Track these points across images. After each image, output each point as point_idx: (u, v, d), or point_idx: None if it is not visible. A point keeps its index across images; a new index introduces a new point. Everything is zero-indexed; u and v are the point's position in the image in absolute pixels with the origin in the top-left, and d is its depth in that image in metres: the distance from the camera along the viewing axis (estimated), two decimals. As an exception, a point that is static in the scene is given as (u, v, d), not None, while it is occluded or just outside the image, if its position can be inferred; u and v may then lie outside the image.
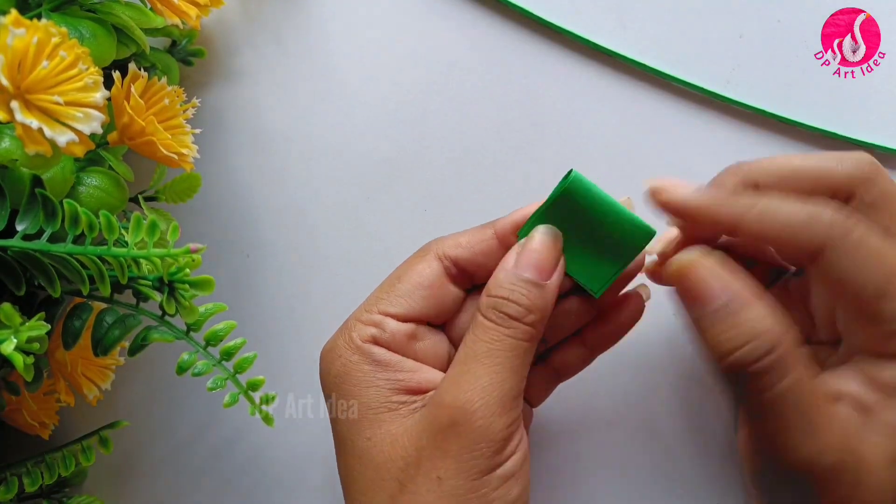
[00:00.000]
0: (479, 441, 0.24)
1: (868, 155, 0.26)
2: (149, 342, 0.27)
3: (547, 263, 0.26)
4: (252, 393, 0.27)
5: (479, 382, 0.25)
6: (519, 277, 0.26)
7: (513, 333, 0.25)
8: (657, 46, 0.34)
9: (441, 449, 0.25)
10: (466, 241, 0.28)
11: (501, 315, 0.26)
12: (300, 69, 0.36)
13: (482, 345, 0.25)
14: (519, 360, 0.25)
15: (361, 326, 0.27)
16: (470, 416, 0.24)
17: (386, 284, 0.28)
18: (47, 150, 0.24)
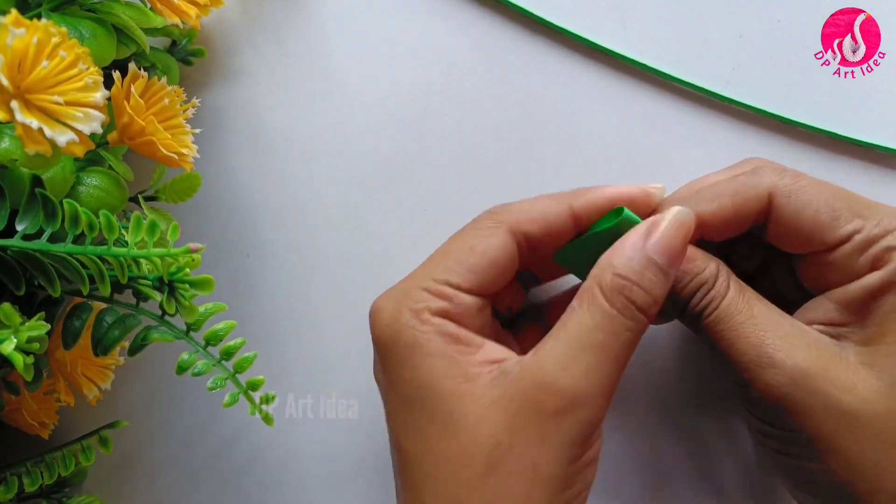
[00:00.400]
0: (581, 431, 0.24)
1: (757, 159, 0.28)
2: (149, 342, 0.27)
3: (679, 251, 0.24)
4: (252, 393, 0.27)
5: (592, 376, 0.23)
6: (651, 261, 0.24)
7: (634, 327, 0.24)
8: (657, 46, 0.34)
9: (541, 435, 0.24)
10: (540, 216, 0.27)
11: (628, 304, 0.24)
12: (300, 69, 0.36)
13: (600, 334, 0.24)
14: (626, 353, 0.24)
15: (429, 297, 0.26)
16: (579, 408, 0.23)
17: (454, 253, 0.27)
18: (47, 150, 0.24)
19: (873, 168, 0.34)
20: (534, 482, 0.24)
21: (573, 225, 0.27)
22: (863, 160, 0.34)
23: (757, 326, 0.25)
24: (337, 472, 0.35)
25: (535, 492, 0.24)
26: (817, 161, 0.34)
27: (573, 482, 0.24)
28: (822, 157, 0.34)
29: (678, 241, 0.24)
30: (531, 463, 0.24)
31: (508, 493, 0.24)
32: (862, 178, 0.34)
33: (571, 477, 0.24)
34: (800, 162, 0.34)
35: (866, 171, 0.34)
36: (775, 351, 0.25)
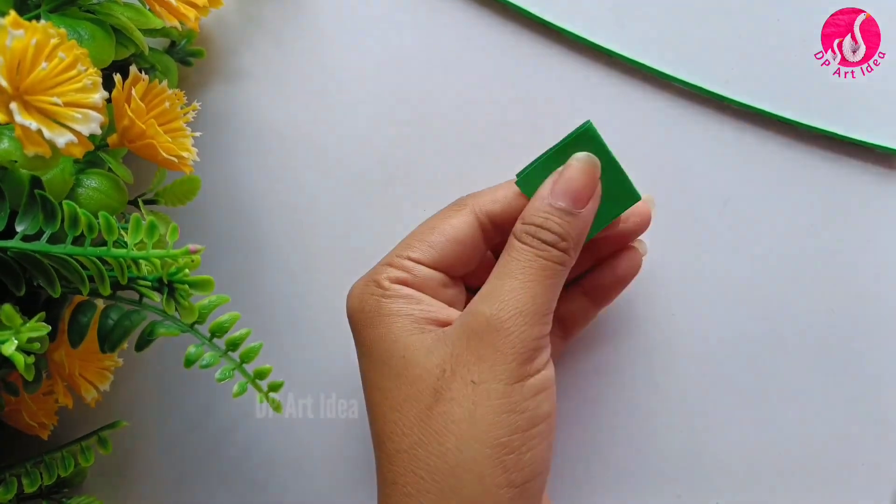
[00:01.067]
0: (513, 346, 0.25)
1: None
2: (155, 336, 0.27)
3: (582, 192, 0.27)
4: (259, 381, 0.28)
5: (513, 294, 0.26)
6: (554, 206, 0.27)
7: (546, 255, 0.26)
8: (656, 46, 0.34)
9: (476, 353, 0.25)
10: (503, 196, 0.29)
11: (535, 239, 0.27)
12: (299, 69, 0.36)
13: (516, 263, 0.26)
14: (550, 279, 0.26)
15: (391, 269, 0.28)
16: (504, 324, 0.25)
17: (418, 233, 0.29)
18: (46, 152, 0.24)
19: (873, 168, 0.34)
20: (475, 402, 0.25)
21: None
22: (863, 160, 0.34)
23: None
24: (337, 472, 0.35)
25: (478, 411, 0.25)
26: (817, 161, 0.34)
27: (519, 406, 0.25)
28: (822, 157, 0.34)
29: (580, 184, 0.27)
30: (471, 381, 0.25)
31: (455, 418, 0.25)
32: (862, 178, 0.34)
33: (515, 399, 0.25)
34: (800, 162, 0.34)
35: (866, 171, 0.34)
36: None
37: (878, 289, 0.34)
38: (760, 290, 0.34)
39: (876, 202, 0.34)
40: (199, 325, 0.28)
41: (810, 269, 0.34)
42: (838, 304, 0.34)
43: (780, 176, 0.34)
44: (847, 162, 0.34)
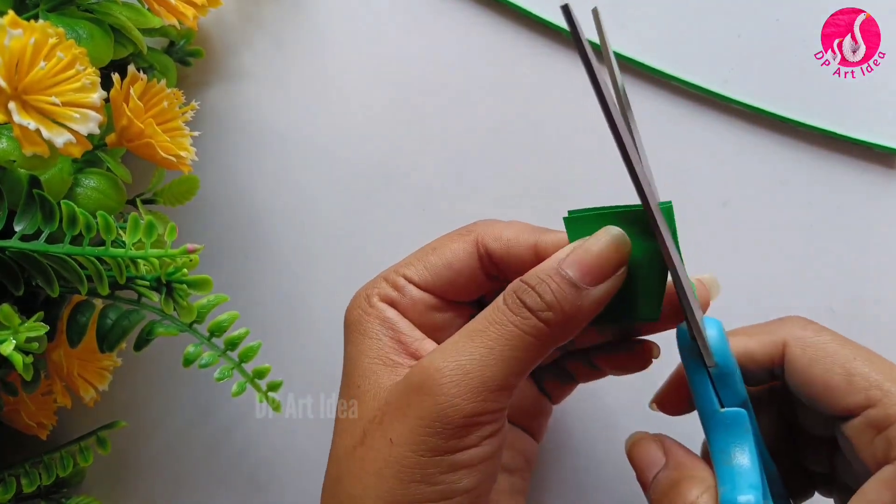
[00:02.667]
0: (438, 418, 0.23)
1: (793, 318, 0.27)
2: (154, 336, 0.27)
3: (599, 270, 0.24)
4: (258, 381, 0.28)
5: (459, 357, 0.23)
6: (558, 272, 0.24)
7: (518, 322, 0.23)
8: (655, 45, 0.34)
9: (402, 410, 0.23)
10: (507, 239, 0.27)
11: (517, 301, 0.24)
12: (298, 69, 0.36)
13: (483, 323, 0.24)
14: (515, 352, 0.23)
15: (385, 285, 0.27)
16: (436, 387, 0.23)
17: (420, 252, 0.28)
18: (45, 151, 0.24)
19: (873, 168, 0.34)
20: (386, 461, 0.23)
21: (535, 256, 0.26)
22: (863, 160, 0.34)
23: None
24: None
25: (387, 471, 0.23)
26: (817, 161, 0.34)
27: (431, 479, 0.23)
28: (822, 156, 0.34)
29: (597, 259, 0.24)
30: (389, 439, 0.23)
31: (366, 466, 0.24)
32: (862, 178, 0.34)
33: (429, 472, 0.23)
34: (800, 162, 0.34)
35: (866, 171, 0.34)
36: None
37: (878, 289, 0.34)
38: (760, 289, 0.34)
39: (876, 202, 0.34)
40: (197, 324, 0.28)
41: (810, 269, 0.34)
42: (838, 304, 0.34)
43: (780, 176, 0.34)
44: (847, 162, 0.34)
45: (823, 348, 0.25)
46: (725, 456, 0.24)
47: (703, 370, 0.24)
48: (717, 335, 0.24)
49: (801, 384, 0.25)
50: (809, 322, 0.26)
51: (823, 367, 0.25)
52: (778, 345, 0.26)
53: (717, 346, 0.24)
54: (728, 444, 0.24)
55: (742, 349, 0.26)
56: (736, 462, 0.24)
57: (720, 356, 0.24)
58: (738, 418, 0.24)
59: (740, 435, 0.24)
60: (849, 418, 0.24)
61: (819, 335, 0.25)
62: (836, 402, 0.24)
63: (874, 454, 0.23)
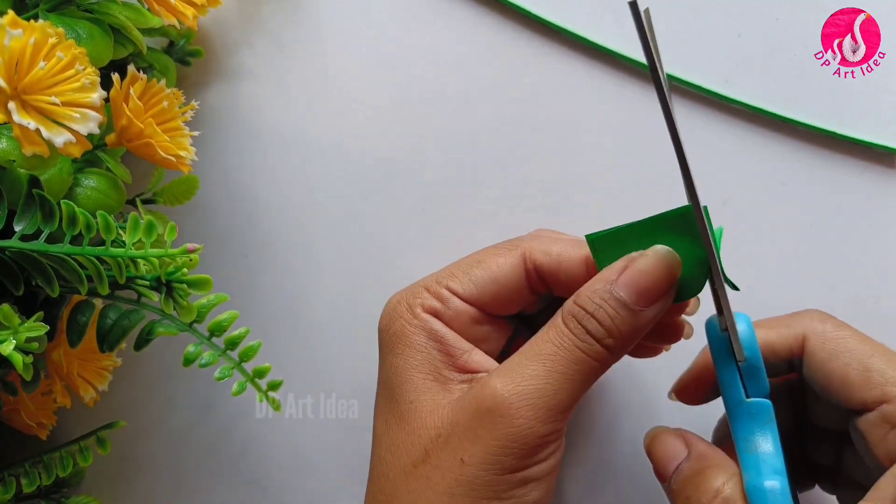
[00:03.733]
0: (514, 440, 0.23)
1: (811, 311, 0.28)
2: (154, 336, 0.27)
3: (652, 291, 0.24)
4: (258, 380, 0.28)
5: (533, 381, 0.24)
6: (613, 295, 0.24)
7: (585, 348, 0.24)
8: (656, 46, 0.34)
9: (474, 432, 0.24)
10: (556, 253, 0.27)
11: (580, 328, 0.24)
12: (298, 69, 0.36)
13: (549, 346, 0.24)
14: (581, 375, 0.24)
15: (427, 296, 0.27)
16: (512, 412, 0.23)
17: (464, 263, 0.28)
18: (44, 151, 0.24)
19: (873, 168, 0.34)
20: (458, 480, 0.24)
21: (585, 270, 0.26)
22: (863, 160, 0.34)
23: None
24: (336, 471, 0.35)
25: (458, 489, 0.24)
26: (817, 161, 0.34)
27: (503, 494, 0.24)
28: (822, 156, 0.34)
29: (649, 280, 0.24)
30: (460, 459, 0.24)
31: (433, 485, 0.24)
32: (862, 178, 0.34)
33: (501, 488, 0.24)
34: (800, 162, 0.34)
35: (866, 171, 0.34)
36: None
37: (878, 289, 0.34)
38: (760, 289, 0.34)
39: (876, 202, 0.34)
40: (197, 324, 0.28)
41: (810, 269, 0.34)
42: (839, 304, 0.34)
43: (780, 176, 0.34)
44: (847, 162, 0.34)
45: (843, 343, 0.26)
46: (749, 444, 0.25)
47: (732, 362, 0.25)
48: (747, 330, 0.25)
49: (819, 377, 0.26)
50: (828, 316, 0.27)
51: (842, 361, 0.25)
52: (798, 338, 0.26)
53: (748, 341, 0.25)
54: (752, 432, 0.25)
55: (763, 341, 0.26)
56: (760, 450, 0.24)
57: (750, 350, 0.25)
58: (763, 408, 0.25)
59: (764, 424, 0.25)
60: (864, 412, 0.25)
61: (838, 330, 0.26)
62: (853, 396, 0.25)
63: (888, 449, 0.24)
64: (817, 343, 0.26)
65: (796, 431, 0.29)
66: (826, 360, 0.25)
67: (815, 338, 0.26)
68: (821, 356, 0.26)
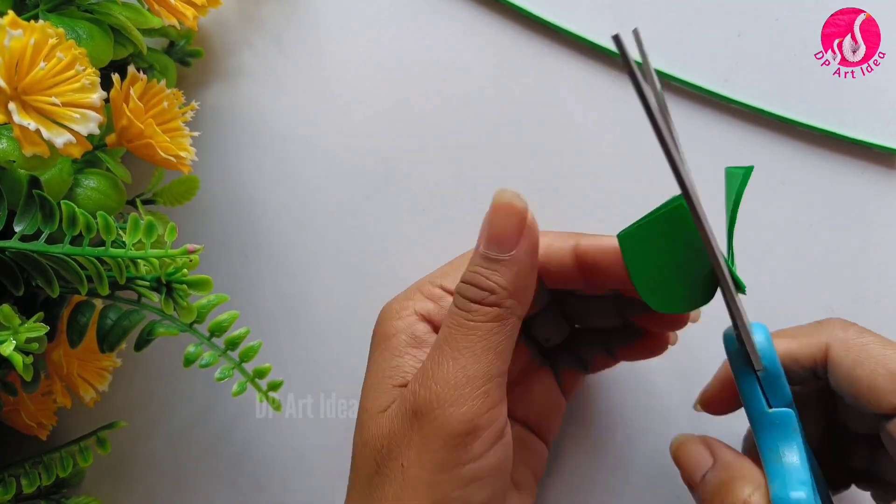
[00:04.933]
0: (439, 431, 0.23)
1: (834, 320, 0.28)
2: (154, 336, 0.27)
3: (505, 233, 0.24)
4: (259, 381, 0.28)
5: (438, 370, 0.24)
6: (480, 255, 0.24)
7: (474, 315, 0.24)
8: (655, 45, 0.34)
9: (406, 436, 0.24)
10: (544, 247, 0.27)
11: (463, 299, 0.24)
12: (298, 69, 0.36)
13: (445, 330, 0.24)
14: (484, 342, 0.24)
15: (420, 297, 0.27)
16: (432, 406, 0.23)
17: (456, 262, 0.28)
18: (45, 152, 0.24)
19: (873, 168, 0.34)
20: (403, 486, 0.24)
21: (574, 261, 0.26)
22: (863, 160, 0.34)
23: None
24: (336, 471, 0.35)
25: (405, 495, 0.23)
26: (817, 161, 0.34)
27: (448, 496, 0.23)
28: (822, 156, 0.34)
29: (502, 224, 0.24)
30: (400, 465, 0.24)
31: (385, 494, 0.24)
32: (862, 178, 0.34)
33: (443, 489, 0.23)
34: (800, 162, 0.34)
35: (866, 171, 0.34)
36: None
37: (878, 289, 0.34)
38: (760, 290, 0.34)
39: (876, 202, 0.34)
40: (197, 324, 0.28)
41: (810, 269, 0.34)
42: (839, 303, 0.34)
43: (780, 176, 0.34)
44: (847, 162, 0.34)
45: (867, 350, 0.25)
46: (775, 454, 0.24)
47: (750, 373, 0.25)
48: (764, 340, 0.25)
49: (846, 385, 0.25)
50: (850, 324, 0.27)
51: (868, 368, 0.25)
52: (821, 347, 0.26)
53: (765, 351, 0.25)
54: (777, 443, 0.24)
55: (785, 351, 0.26)
56: (786, 460, 0.24)
57: (767, 360, 0.25)
58: (785, 418, 0.24)
59: (788, 434, 0.24)
60: (893, 417, 0.25)
61: (861, 336, 0.26)
62: (882, 401, 0.25)
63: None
64: (841, 351, 0.26)
65: (829, 435, 0.29)
66: (852, 367, 0.25)
67: (839, 346, 0.26)
68: (846, 364, 0.25)
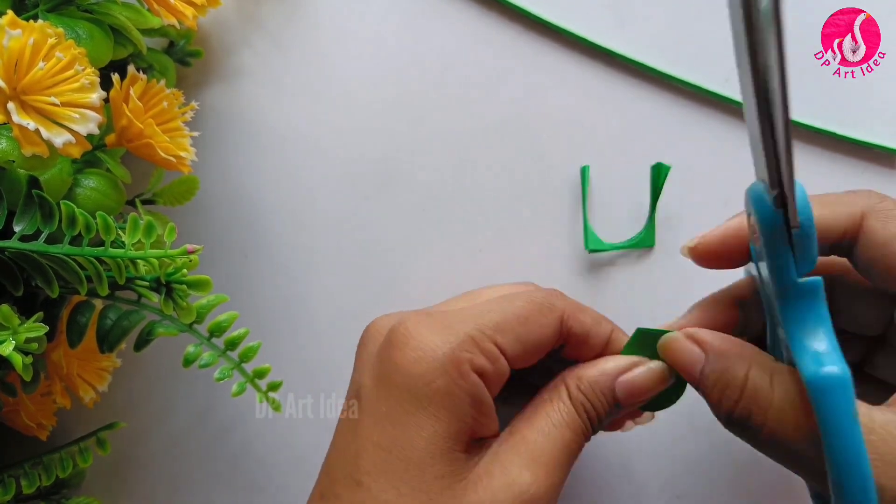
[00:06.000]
0: None
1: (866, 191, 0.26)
2: (154, 336, 0.27)
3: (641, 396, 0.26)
4: (258, 381, 0.28)
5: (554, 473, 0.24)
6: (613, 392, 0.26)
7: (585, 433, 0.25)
8: (655, 45, 0.34)
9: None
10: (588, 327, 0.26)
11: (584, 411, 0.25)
12: (298, 69, 0.36)
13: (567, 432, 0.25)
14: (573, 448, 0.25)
15: (478, 353, 0.24)
16: None
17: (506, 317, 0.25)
18: (44, 152, 0.24)
19: (873, 168, 0.34)
20: None
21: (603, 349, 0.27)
22: (863, 160, 0.34)
23: None
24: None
25: None
26: (817, 161, 0.34)
27: None
28: (822, 157, 0.34)
29: (643, 388, 0.26)
30: None
31: None
32: (862, 178, 0.34)
33: None
34: (800, 162, 0.34)
35: (866, 171, 0.34)
36: None
37: (878, 289, 0.34)
38: (760, 290, 0.34)
39: (876, 202, 0.34)
40: (197, 324, 0.28)
41: (810, 270, 0.34)
42: (838, 304, 0.34)
43: (779, 176, 0.34)
44: (847, 162, 0.34)
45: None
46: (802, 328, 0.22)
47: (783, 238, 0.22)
48: (802, 194, 0.22)
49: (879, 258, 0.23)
50: (885, 196, 0.25)
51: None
52: (854, 217, 0.24)
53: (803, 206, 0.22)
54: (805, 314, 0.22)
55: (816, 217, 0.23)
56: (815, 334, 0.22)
57: (804, 215, 0.22)
58: (815, 287, 0.22)
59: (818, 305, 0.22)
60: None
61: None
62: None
63: None
64: (878, 222, 0.23)
65: None
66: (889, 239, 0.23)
67: (876, 216, 0.23)
68: (882, 235, 0.23)
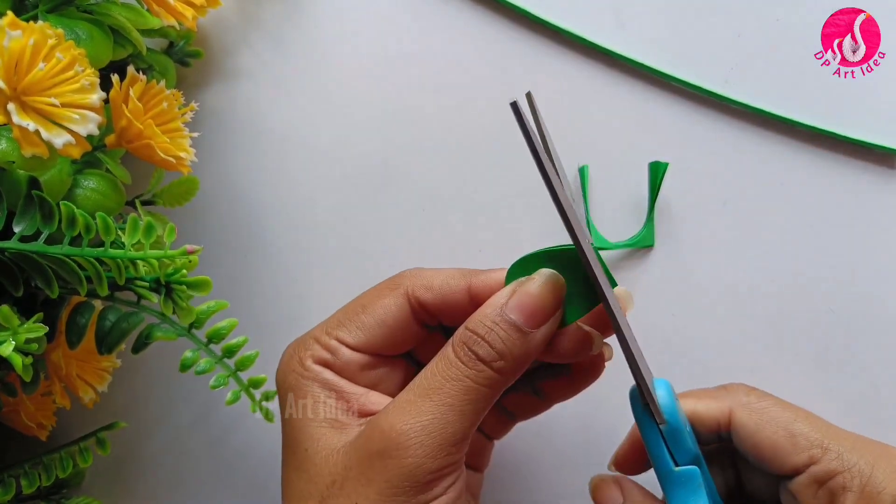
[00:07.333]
0: (406, 479, 0.24)
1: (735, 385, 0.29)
2: (152, 340, 0.27)
3: (541, 311, 0.25)
4: (253, 390, 0.28)
5: (421, 418, 0.24)
6: (504, 318, 0.24)
7: (474, 376, 0.24)
8: (655, 46, 0.34)
9: (366, 475, 0.24)
10: (438, 287, 0.27)
11: (469, 354, 0.24)
12: (298, 69, 0.36)
13: (438, 379, 0.24)
14: (472, 405, 0.24)
15: (318, 348, 0.27)
16: (402, 451, 0.24)
17: (350, 309, 0.28)
18: (44, 152, 0.24)
19: (873, 168, 0.34)
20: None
21: (469, 300, 0.26)
22: (863, 160, 0.34)
23: None
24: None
25: None
26: (817, 161, 0.34)
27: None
28: (822, 157, 0.34)
29: (539, 302, 0.24)
30: (354, 502, 0.24)
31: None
32: (862, 178, 0.34)
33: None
34: (800, 162, 0.34)
35: (866, 171, 0.34)
36: None
37: (878, 289, 0.34)
38: (760, 290, 0.34)
39: (876, 202, 0.34)
40: (196, 329, 0.28)
41: (810, 269, 0.34)
42: (838, 304, 0.34)
43: (780, 176, 0.34)
44: (847, 162, 0.34)
45: (767, 413, 0.27)
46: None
47: (655, 430, 0.26)
48: (665, 394, 0.26)
49: (750, 447, 0.27)
50: (752, 389, 0.29)
51: (769, 430, 0.27)
52: (724, 411, 0.28)
53: (666, 405, 0.26)
54: (683, 499, 0.26)
55: (691, 411, 0.28)
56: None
57: (669, 414, 0.26)
58: (691, 476, 0.26)
59: (694, 491, 0.26)
60: (793, 476, 0.26)
61: (762, 401, 0.28)
62: (783, 462, 0.26)
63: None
64: (744, 415, 0.27)
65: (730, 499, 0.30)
66: (754, 430, 0.27)
67: (741, 410, 0.27)
68: (749, 427, 0.27)
